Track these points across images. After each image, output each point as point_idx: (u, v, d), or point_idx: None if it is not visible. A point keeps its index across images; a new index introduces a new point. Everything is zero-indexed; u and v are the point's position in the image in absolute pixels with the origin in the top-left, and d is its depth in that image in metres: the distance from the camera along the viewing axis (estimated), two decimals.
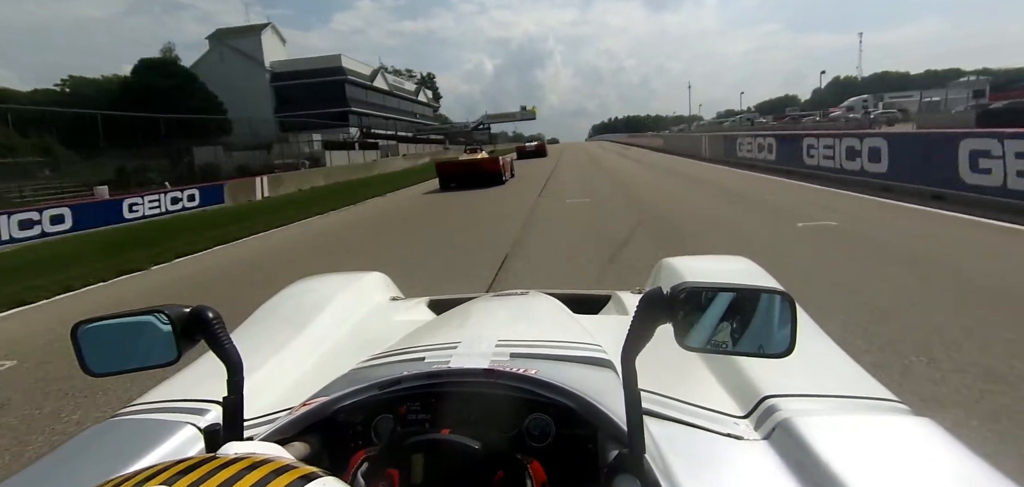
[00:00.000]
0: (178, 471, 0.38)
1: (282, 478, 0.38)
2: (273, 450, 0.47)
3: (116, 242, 10.29)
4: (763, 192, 10.24)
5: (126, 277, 7.07)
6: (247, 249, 8.67)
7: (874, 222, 6.64)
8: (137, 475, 0.38)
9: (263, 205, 16.29)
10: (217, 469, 0.38)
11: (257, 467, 0.39)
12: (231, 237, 9.54)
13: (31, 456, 2.66)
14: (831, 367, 0.93)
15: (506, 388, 0.73)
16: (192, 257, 8.15)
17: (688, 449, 0.68)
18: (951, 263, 4.61)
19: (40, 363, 3.93)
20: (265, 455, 0.43)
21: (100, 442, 0.82)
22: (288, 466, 0.40)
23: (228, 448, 0.44)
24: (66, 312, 5.46)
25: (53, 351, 4.10)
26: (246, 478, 0.37)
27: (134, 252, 8.45)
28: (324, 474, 0.41)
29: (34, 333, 4.79)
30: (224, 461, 0.40)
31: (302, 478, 0.38)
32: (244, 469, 0.38)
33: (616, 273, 5.05)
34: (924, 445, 0.67)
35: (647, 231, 7.05)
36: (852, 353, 0.97)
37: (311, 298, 1.46)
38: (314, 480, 0.39)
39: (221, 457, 0.41)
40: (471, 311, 1.23)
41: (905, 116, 30.66)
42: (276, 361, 1.11)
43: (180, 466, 0.39)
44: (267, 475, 0.38)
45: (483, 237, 7.68)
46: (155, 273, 7.29)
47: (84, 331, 0.68)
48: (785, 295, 0.60)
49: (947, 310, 3.44)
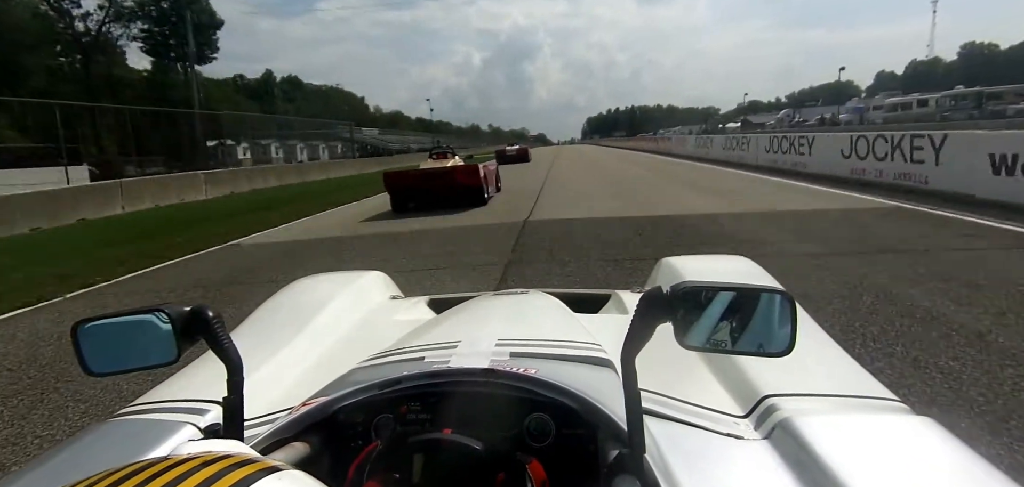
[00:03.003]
0: (128, 472, 0.37)
1: (239, 472, 0.37)
2: (235, 447, 0.46)
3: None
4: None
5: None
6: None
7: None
8: (88, 479, 0.37)
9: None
10: (170, 467, 0.38)
11: (213, 463, 0.38)
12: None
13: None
14: (831, 366, 0.93)
15: (506, 388, 0.73)
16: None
17: (688, 448, 0.68)
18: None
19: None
20: (224, 452, 0.42)
21: (100, 442, 0.82)
22: (247, 460, 0.40)
23: (184, 447, 0.44)
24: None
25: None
26: (200, 474, 0.37)
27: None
28: (285, 467, 0.40)
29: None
30: (177, 459, 0.39)
31: (261, 472, 0.38)
32: (198, 466, 0.38)
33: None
34: (924, 444, 0.67)
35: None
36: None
37: (311, 298, 1.46)
38: (272, 474, 0.38)
39: (174, 457, 0.40)
40: (471, 310, 1.23)
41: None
42: (276, 361, 1.11)
43: (132, 467, 0.38)
44: (223, 469, 0.37)
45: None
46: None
47: (83, 331, 0.68)
48: (785, 294, 0.60)
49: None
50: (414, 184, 10.77)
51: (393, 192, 10.75)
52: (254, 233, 9.28)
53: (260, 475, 0.37)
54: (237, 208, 13.87)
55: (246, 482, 0.36)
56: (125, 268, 6.85)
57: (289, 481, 0.39)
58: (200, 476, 0.36)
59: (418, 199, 10.73)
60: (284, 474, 0.39)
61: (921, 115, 34.28)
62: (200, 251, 7.87)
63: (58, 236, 11.24)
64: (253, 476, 0.37)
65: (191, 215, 13.05)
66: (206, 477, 0.36)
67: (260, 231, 9.47)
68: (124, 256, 7.57)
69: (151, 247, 8.20)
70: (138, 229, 11.01)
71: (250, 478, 0.37)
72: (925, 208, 7.19)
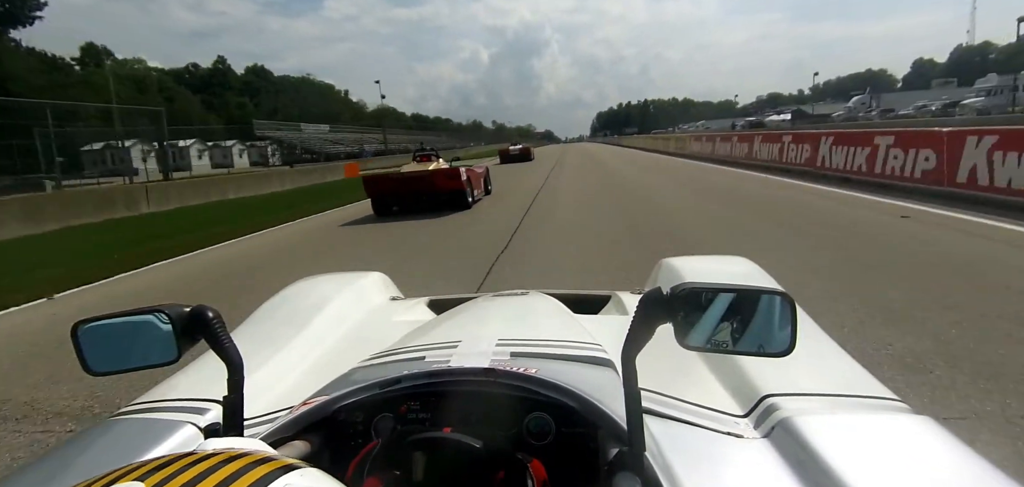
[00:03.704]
0: (152, 467, 0.37)
1: (260, 469, 0.38)
2: (254, 444, 0.47)
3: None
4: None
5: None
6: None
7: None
8: (111, 473, 0.37)
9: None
10: (193, 463, 0.38)
11: (234, 460, 0.39)
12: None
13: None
14: (831, 366, 0.93)
15: (506, 387, 0.73)
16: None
17: (688, 447, 0.68)
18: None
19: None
20: (244, 449, 0.42)
21: (100, 442, 0.82)
22: (267, 458, 0.40)
23: (206, 444, 0.44)
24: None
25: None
26: (222, 471, 0.37)
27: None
28: (304, 466, 0.40)
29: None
30: (201, 456, 0.39)
31: (280, 469, 0.38)
32: (220, 463, 0.38)
33: None
34: (923, 444, 0.67)
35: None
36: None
37: (311, 298, 1.46)
38: (293, 471, 0.39)
39: (198, 452, 0.40)
40: (471, 310, 1.24)
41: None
42: (276, 360, 1.11)
43: (156, 462, 0.38)
44: (244, 467, 0.38)
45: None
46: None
47: (84, 331, 0.69)
48: (785, 296, 0.60)
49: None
50: (395, 188, 10.49)
51: (373, 196, 10.56)
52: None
53: (281, 472, 0.38)
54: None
55: (268, 478, 0.37)
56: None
57: (310, 478, 0.39)
58: (225, 471, 0.37)
59: (400, 203, 10.57)
60: (305, 472, 0.39)
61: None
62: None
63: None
64: (274, 473, 0.37)
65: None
66: (229, 473, 0.37)
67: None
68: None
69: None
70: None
71: (272, 475, 0.37)
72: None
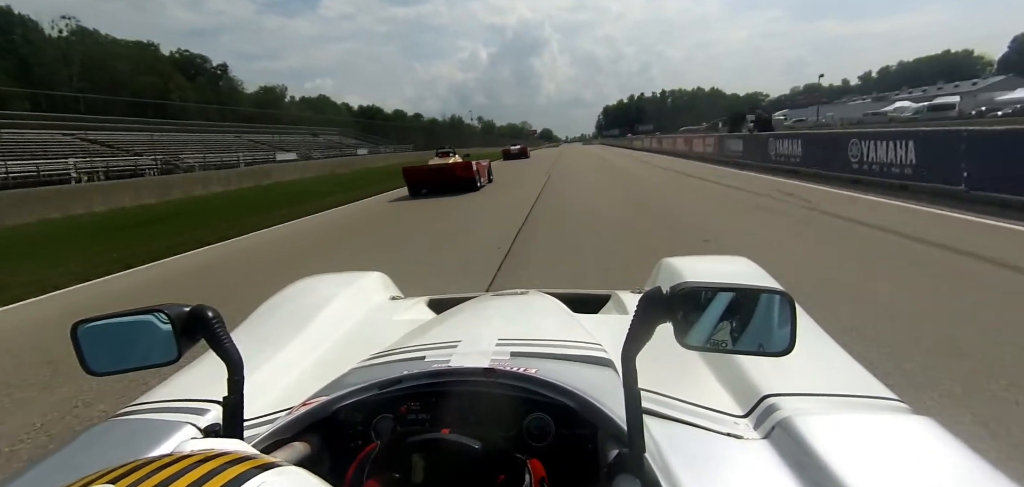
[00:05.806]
0: (126, 470, 0.37)
1: (235, 468, 0.37)
2: (235, 445, 0.47)
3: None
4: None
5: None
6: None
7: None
8: (84, 478, 0.37)
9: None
10: (167, 464, 0.38)
11: (209, 460, 0.39)
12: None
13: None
14: (831, 366, 0.93)
15: (506, 387, 0.73)
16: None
17: (688, 448, 0.68)
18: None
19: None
20: (222, 449, 0.42)
21: (99, 442, 0.82)
22: (244, 458, 0.40)
23: (185, 445, 0.44)
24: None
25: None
26: (195, 471, 0.37)
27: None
28: (282, 464, 0.40)
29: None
30: (177, 457, 0.39)
31: (256, 468, 0.38)
32: (195, 463, 0.38)
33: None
34: (924, 444, 0.67)
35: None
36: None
37: (311, 298, 1.46)
38: (269, 470, 0.38)
39: (175, 454, 0.40)
40: (471, 310, 1.24)
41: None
42: (276, 361, 1.11)
43: (130, 465, 0.38)
44: (219, 467, 0.37)
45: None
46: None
47: (84, 330, 0.68)
48: (785, 295, 0.60)
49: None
50: (425, 177, 15.18)
51: (409, 181, 15.07)
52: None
53: (256, 471, 0.38)
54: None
55: (242, 478, 0.36)
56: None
57: (286, 477, 0.39)
58: (197, 472, 0.37)
59: (429, 187, 14.92)
60: (282, 470, 0.39)
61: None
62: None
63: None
64: (249, 472, 0.37)
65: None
66: (203, 473, 0.37)
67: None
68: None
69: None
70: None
71: (247, 474, 0.37)
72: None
